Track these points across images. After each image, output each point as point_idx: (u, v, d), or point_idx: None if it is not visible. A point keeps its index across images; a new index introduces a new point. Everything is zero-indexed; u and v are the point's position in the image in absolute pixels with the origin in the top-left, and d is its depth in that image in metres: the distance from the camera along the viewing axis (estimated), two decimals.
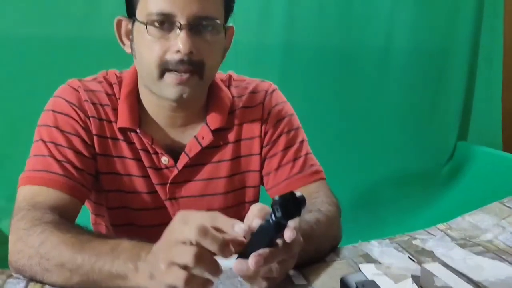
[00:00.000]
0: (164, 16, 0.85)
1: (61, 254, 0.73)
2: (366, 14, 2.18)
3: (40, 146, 0.90)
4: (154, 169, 0.96)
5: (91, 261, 0.70)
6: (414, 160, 2.33)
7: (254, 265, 0.62)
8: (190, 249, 0.60)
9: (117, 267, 0.69)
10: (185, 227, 0.61)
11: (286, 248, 0.65)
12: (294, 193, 0.61)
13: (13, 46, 1.72)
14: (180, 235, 0.61)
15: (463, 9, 2.35)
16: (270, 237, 0.64)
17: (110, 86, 0.97)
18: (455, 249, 0.91)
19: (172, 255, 0.61)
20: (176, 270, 0.61)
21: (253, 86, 1.05)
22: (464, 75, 2.41)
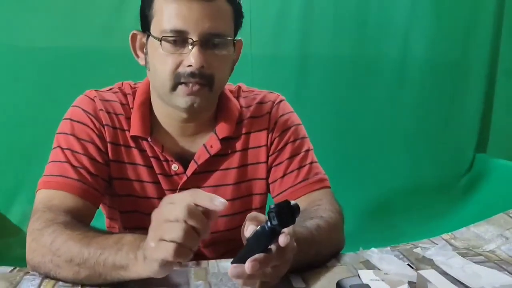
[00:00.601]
0: (177, 33, 0.90)
1: (70, 249, 0.78)
2: (382, 26, 2.21)
3: (58, 153, 0.96)
4: (165, 176, 1.01)
5: (97, 254, 0.76)
6: (432, 171, 2.33)
7: (250, 269, 0.66)
8: (178, 225, 0.66)
9: (120, 259, 0.74)
10: (173, 207, 0.67)
11: (280, 253, 0.69)
12: (289, 202, 0.65)
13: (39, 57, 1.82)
14: (168, 214, 0.67)
15: (481, 20, 2.35)
16: (265, 243, 0.67)
17: (124, 96, 1.03)
18: (455, 258, 0.92)
19: (161, 233, 0.67)
20: (165, 244, 0.66)
21: (261, 97, 1.09)
22: (482, 87, 2.40)
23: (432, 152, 2.35)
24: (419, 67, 2.30)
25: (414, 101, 2.33)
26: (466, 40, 2.34)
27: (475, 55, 2.37)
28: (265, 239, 0.67)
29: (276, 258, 0.69)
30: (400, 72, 2.29)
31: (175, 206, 0.67)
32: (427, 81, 2.32)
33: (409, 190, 2.29)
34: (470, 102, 2.40)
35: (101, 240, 0.77)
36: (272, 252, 0.68)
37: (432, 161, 2.34)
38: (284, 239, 0.66)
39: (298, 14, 2.11)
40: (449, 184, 2.35)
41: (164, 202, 0.70)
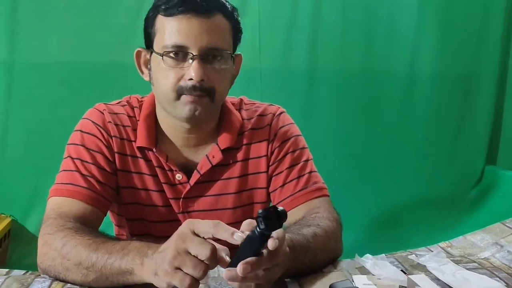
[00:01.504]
0: (178, 48, 0.96)
1: (79, 253, 0.83)
2: (390, 39, 2.23)
3: (68, 162, 1.02)
4: (169, 185, 1.06)
5: (104, 258, 0.80)
6: (441, 183, 2.33)
7: (242, 272, 0.70)
8: (201, 265, 0.70)
9: (125, 263, 0.78)
10: (197, 241, 0.70)
11: (270, 256, 0.72)
12: (276, 207, 0.69)
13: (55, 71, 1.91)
14: (191, 247, 0.70)
15: (491, 32, 2.35)
16: (256, 247, 0.71)
17: (132, 109, 1.09)
18: (448, 264, 0.94)
19: (181, 263, 0.70)
20: (182, 275, 0.70)
21: (262, 109, 1.13)
22: (492, 100, 2.40)
23: (441, 165, 2.35)
24: (427, 80, 2.30)
25: (423, 114, 2.33)
26: (475, 52, 2.34)
27: (484, 68, 2.37)
28: (255, 243, 0.70)
29: (267, 261, 0.72)
30: (408, 85, 2.30)
31: (201, 243, 0.70)
32: (436, 94, 2.33)
33: (418, 202, 2.29)
34: (479, 114, 2.40)
35: (109, 245, 0.82)
36: (263, 256, 0.72)
37: (441, 173, 2.34)
38: (272, 243, 0.69)
39: (306, 29, 2.15)
40: (459, 197, 2.34)
41: (186, 228, 0.72)
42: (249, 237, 0.71)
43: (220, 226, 0.71)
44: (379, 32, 2.24)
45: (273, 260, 0.73)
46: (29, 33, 1.93)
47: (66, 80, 1.95)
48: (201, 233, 0.71)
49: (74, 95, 1.91)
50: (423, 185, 2.31)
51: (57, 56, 1.94)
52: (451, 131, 2.37)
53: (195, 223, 0.73)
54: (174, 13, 0.95)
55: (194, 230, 0.72)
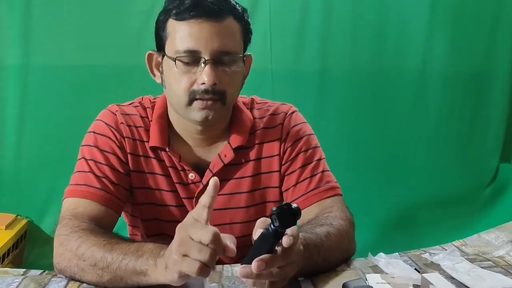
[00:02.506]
0: (190, 53, 0.96)
1: (94, 254, 0.84)
2: (401, 38, 2.22)
3: (82, 163, 1.03)
4: (182, 185, 1.07)
5: (119, 259, 0.81)
6: (455, 182, 2.31)
7: (256, 268, 0.70)
8: (206, 249, 0.71)
9: (140, 264, 0.79)
10: (199, 227, 0.72)
11: (284, 254, 0.73)
12: (290, 204, 0.69)
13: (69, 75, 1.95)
14: (195, 234, 0.71)
15: (503, 28, 2.33)
16: (270, 244, 0.71)
17: (144, 110, 1.10)
18: (462, 263, 0.94)
19: (187, 249, 0.71)
20: (190, 260, 0.71)
21: (274, 108, 1.14)
22: (506, 97, 2.37)
23: (455, 163, 2.34)
24: (439, 79, 2.29)
25: (436, 112, 2.32)
26: (487, 49, 2.32)
27: (497, 64, 2.35)
28: (269, 241, 0.71)
29: (281, 259, 0.73)
30: (420, 84, 2.29)
31: (202, 228, 0.71)
32: (448, 92, 2.31)
33: (432, 201, 2.28)
34: (493, 111, 2.38)
35: (124, 246, 0.83)
36: (278, 253, 0.72)
37: (455, 172, 2.33)
38: (286, 240, 0.70)
39: (317, 29, 2.15)
40: (473, 195, 2.32)
41: (190, 219, 0.74)
42: (263, 235, 0.71)
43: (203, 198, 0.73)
44: (390, 31, 2.23)
45: (288, 258, 0.73)
46: (43, 37, 1.97)
47: (80, 83, 1.99)
48: (199, 217, 0.73)
49: (88, 97, 1.94)
50: (437, 184, 2.29)
51: (71, 59, 1.97)
52: (465, 129, 2.35)
53: (192, 212, 0.74)
54: (185, 18, 0.96)
55: (193, 217, 0.73)
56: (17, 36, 1.95)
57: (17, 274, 0.92)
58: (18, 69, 1.97)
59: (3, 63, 1.97)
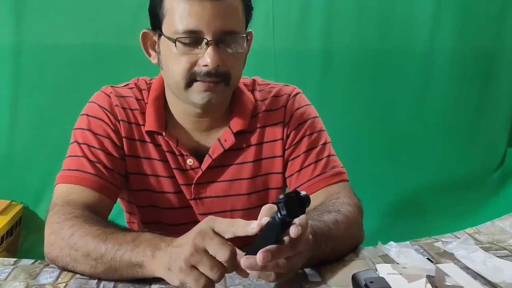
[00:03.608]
0: (191, 34, 0.90)
1: (87, 244, 0.79)
2: (407, 17, 2.15)
3: (75, 148, 0.98)
4: (180, 170, 1.01)
5: (114, 250, 0.76)
6: (462, 166, 2.27)
7: (262, 260, 0.65)
8: (218, 266, 0.66)
9: (136, 255, 0.74)
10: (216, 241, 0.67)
11: (292, 244, 0.68)
12: (298, 192, 0.64)
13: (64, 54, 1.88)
14: (211, 246, 0.67)
15: None
16: (276, 234, 0.66)
17: (140, 92, 1.04)
18: (477, 252, 0.89)
19: (199, 262, 0.67)
20: (197, 274, 0.67)
21: (276, 90, 1.08)
22: None
23: (462, 147, 2.28)
24: (447, 59, 2.22)
25: (443, 94, 2.26)
26: (497, 28, 2.25)
27: (507, 44, 2.28)
28: (276, 230, 0.66)
29: (289, 249, 0.68)
30: (427, 64, 2.22)
31: (221, 244, 0.67)
32: (456, 73, 2.25)
33: (438, 186, 2.23)
34: (502, 94, 2.31)
35: (119, 236, 0.78)
36: (285, 244, 0.68)
37: (462, 156, 2.27)
38: (295, 230, 0.65)
39: (321, 7, 2.07)
40: (480, 180, 2.27)
41: (208, 227, 0.69)
42: (269, 224, 0.66)
43: (238, 223, 0.67)
44: (397, 9, 2.16)
45: (295, 248, 0.69)
46: (37, 15, 1.90)
47: (75, 63, 1.92)
48: (222, 233, 0.68)
49: (85, 78, 1.88)
50: (444, 169, 2.25)
51: (66, 39, 1.91)
52: (472, 111, 2.29)
53: (216, 221, 0.69)
54: None
55: (214, 228, 0.68)
56: (9, 14, 1.88)
57: (7, 264, 0.88)
58: (10, 48, 1.90)
59: None
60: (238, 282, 0.79)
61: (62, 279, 0.81)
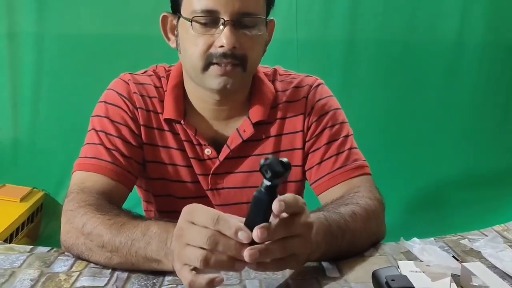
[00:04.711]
0: (208, 13, 0.88)
1: (101, 235, 0.78)
2: (435, 7, 2.09)
3: (93, 135, 0.97)
4: (197, 160, 1.00)
5: (128, 244, 0.75)
6: (487, 162, 2.20)
7: (259, 236, 0.62)
8: (207, 231, 0.63)
9: (150, 253, 0.73)
10: (201, 213, 0.65)
11: (284, 222, 0.64)
12: (277, 157, 0.62)
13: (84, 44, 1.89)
14: (197, 218, 0.65)
15: None
16: (265, 208, 0.63)
17: (158, 79, 1.02)
18: (506, 251, 0.85)
19: (188, 236, 0.64)
20: (192, 249, 0.64)
21: (298, 80, 1.05)
22: None
23: (489, 142, 2.22)
24: (476, 51, 2.15)
25: (471, 87, 2.19)
26: None
27: None
28: (265, 201, 0.63)
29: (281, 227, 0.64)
30: (455, 56, 2.16)
31: (204, 211, 0.65)
32: (485, 65, 2.18)
33: (463, 181, 2.18)
34: None
35: (130, 229, 0.76)
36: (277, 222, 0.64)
37: (488, 151, 2.21)
38: (277, 206, 0.61)
39: None
40: (507, 175, 2.20)
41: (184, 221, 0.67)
42: (256, 198, 0.63)
43: (221, 221, 0.63)
44: None
45: (289, 228, 0.65)
46: (59, 5, 1.91)
47: (96, 52, 1.93)
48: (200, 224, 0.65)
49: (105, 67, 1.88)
50: (469, 164, 2.19)
51: (87, 28, 1.92)
52: (501, 106, 2.22)
53: (194, 213, 0.66)
54: None
55: (193, 222, 0.65)
56: (31, 3, 1.89)
57: (23, 251, 0.87)
58: (33, 36, 1.92)
59: (18, 30, 1.92)
60: (253, 276, 0.77)
61: (76, 268, 0.80)
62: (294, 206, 0.65)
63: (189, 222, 0.66)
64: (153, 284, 0.75)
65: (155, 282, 0.75)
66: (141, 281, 0.76)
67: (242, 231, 0.62)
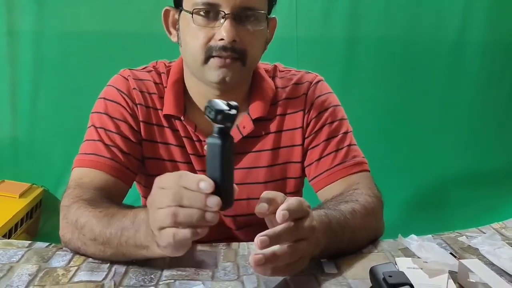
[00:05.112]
0: (209, 6, 0.89)
1: (93, 229, 0.78)
2: (437, 5, 2.08)
3: (92, 132, 0.97)
4: (197, 156, 0.99)
5: (118, 235, 0.75)
6: (488, 160, 2.19)
7: (260, 245, 0.64)
8: (171, 191, 0.65)
9: (139, 240, 0.73)
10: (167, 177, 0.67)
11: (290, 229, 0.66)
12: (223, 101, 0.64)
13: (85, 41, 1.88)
14: (163, 183, 0.67)
15: None
16: (220, 148, 0.63)
17: (158, 75, 1.02)
18: (504, 248, 0.85)
19: (157, 202, 0.66)
20: (161, 210, 0.65)
21: (298, 77, 1.05)
22: None
23: (489, 141, 2.21)
24: (477, 50, 2.14)
25: (472, 86, 2.18)
26: None
27: None
28: (217, 145, 0.63)
29: (287, 233, 0.66)
30: (456, 55, 2.15)
31: (166, 191, 0.66)
32: (486, 65, 2.17)
33: (463, 179, 2.17)
34: None
35: (119, 218, 0.77)
36: None
37: (488, 150, 2.20)
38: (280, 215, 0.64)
39: None
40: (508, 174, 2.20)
41: (155, 188, 0.69)
42: (209, 145, 0.64)
43: (183, 177, 0.65)
44: None
45: (295, 233, 0.67)
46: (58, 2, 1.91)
47: (96, 50, 1.93)
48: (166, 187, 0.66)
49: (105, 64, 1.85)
50: (469, 162, 2.18)
51: (87, 25, 1.92)
52: (501, 105, 2.21)
53: (162, 179, 0.68)
54: None
55: (161, 187, 0.67)
56: (31, 1, 1.89)
57: (21, 246, 0.87)
58: (32, 35, 1.91)
59: (17, 28, 1.92)
60: (251, 272, 0.77)
61: (74, 263, 0.80)
62: (299, 211, 0.67)
63: (159, 188, 0.67)
64: (151, 279, 0.75)
65: (152, 277, 0.75)
66: (139, 276, 0.76)
67: (204, 181, 0.63)
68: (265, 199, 0.69)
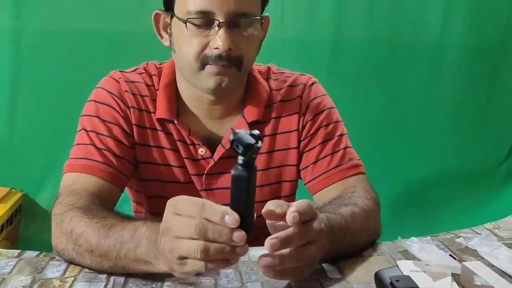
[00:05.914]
0: (203, 14, 0.86)
1: (89, 240, 0.75)
2: (419, 8, 2.10)
3: (83, 135, 0.93)
4: (191, 160, 0.97)
5: (116, 247, 0.72)
6: (469, 158, 2.23)
7: (270, 248, 0.63)
8: (194, 220, 0.61)
9: (140, 255, 0.70)
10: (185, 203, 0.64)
11: (301, 231, 0.65)
12: (245, 130, 0.62)
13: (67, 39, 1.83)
14: (181, 209, 0.64)
15: None
16: (246, 181, 0.61)
17: (150, 77, 0.99)
18: (501, 249, 0.86)
19: (176, 231, 0.63)
20: (185, 241, 0.62)
21: (292, 79, 1.04)
22: None
23: (470, 140, 2.24)
24: (458, 51, 2.17)
25: (453, 86, 2.21)
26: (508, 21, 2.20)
27: None
28: (243, 177, 0.61)
29: (298, 237, 0.65)
30: (438, 56, 2.17)
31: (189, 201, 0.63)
32: (466, 65, 2.20)
33: (446, 178, 2.20)
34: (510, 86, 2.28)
35: (118, 231, 0.73)
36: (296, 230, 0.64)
37: (469, 148, 2.24)
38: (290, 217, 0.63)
39: None
40: (488, 172, 2.24)
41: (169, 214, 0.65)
42: (234, 177, 0.62)
43: (207, 208, 0.62)
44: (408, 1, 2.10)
45: (306, 235, 0.66)
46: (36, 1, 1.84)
47: (77, 48, 1.87)
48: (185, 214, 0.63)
49: (87, 64, 1.83)
50: (451, 162, 2.22)
51: (68, 23, 1.85)
52: (481, 104, 2.25)
53: (178, 204, 0.65)
54: None
55: (178, 213, 0.64)
56: None
57: (11, 256, 0.84)
58: (10, 33, 1.84)
59: None
60: (255, 279, 0.76)
61: (69, 273, 0.77)
62: (308, 213, 0.65)
63: (175, 214, 0.64)
64: None
65: (154, 287, 0.73)
66: (139, 285, 0.73)
67: (229, 214, 0.60)
68: (271, 204, 0.67)
